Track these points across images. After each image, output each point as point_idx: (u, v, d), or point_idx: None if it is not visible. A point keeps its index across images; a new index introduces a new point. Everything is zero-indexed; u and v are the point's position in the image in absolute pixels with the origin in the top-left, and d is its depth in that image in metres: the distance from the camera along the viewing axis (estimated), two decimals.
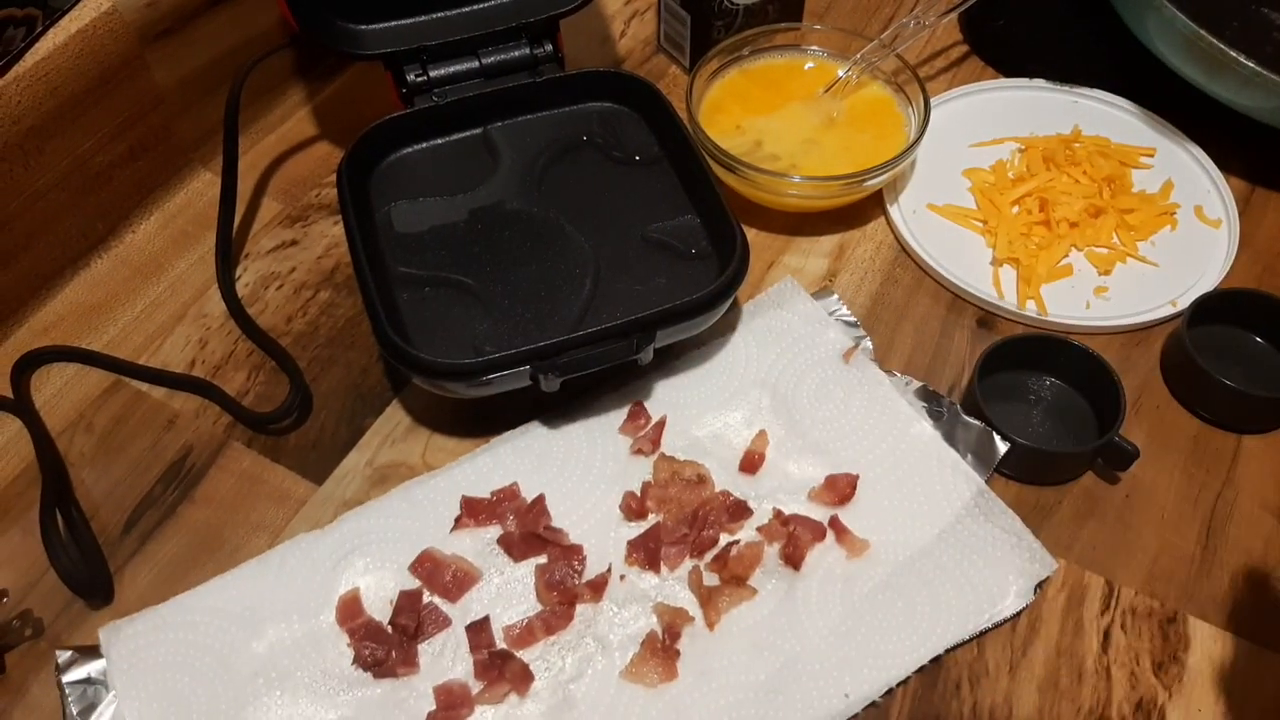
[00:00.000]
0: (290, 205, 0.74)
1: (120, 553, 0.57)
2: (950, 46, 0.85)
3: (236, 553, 0.57)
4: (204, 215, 0.72)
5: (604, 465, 0.59)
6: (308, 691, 0.51)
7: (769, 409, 0.61)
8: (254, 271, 0.70)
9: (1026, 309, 0.66)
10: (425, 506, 0.57)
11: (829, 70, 0.75)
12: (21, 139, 0.61)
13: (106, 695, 0.50)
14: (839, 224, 0.72)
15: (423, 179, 0.66)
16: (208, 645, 0.52)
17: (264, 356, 0.65)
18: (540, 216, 0.64)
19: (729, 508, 0.56)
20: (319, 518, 0.58)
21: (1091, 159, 0.73)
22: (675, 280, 0.61)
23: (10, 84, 0.59)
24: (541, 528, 0.55)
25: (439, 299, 0.61)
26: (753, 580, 0.54)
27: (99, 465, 0.60)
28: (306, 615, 0.53)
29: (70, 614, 0.55)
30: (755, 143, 0.72)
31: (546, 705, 0.51)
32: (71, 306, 0.68)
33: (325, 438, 0.61)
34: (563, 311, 0.60)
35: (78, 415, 0.62)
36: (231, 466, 0.60)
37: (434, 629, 0.53)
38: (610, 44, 0.85)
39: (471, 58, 0.67)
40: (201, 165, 0.75)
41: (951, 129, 0.76)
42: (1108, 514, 0.58)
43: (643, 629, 0.53)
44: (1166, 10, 0.67)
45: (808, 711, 0.50)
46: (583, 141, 0.68)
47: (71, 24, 0.62)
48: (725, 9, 0.77)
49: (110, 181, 0.68)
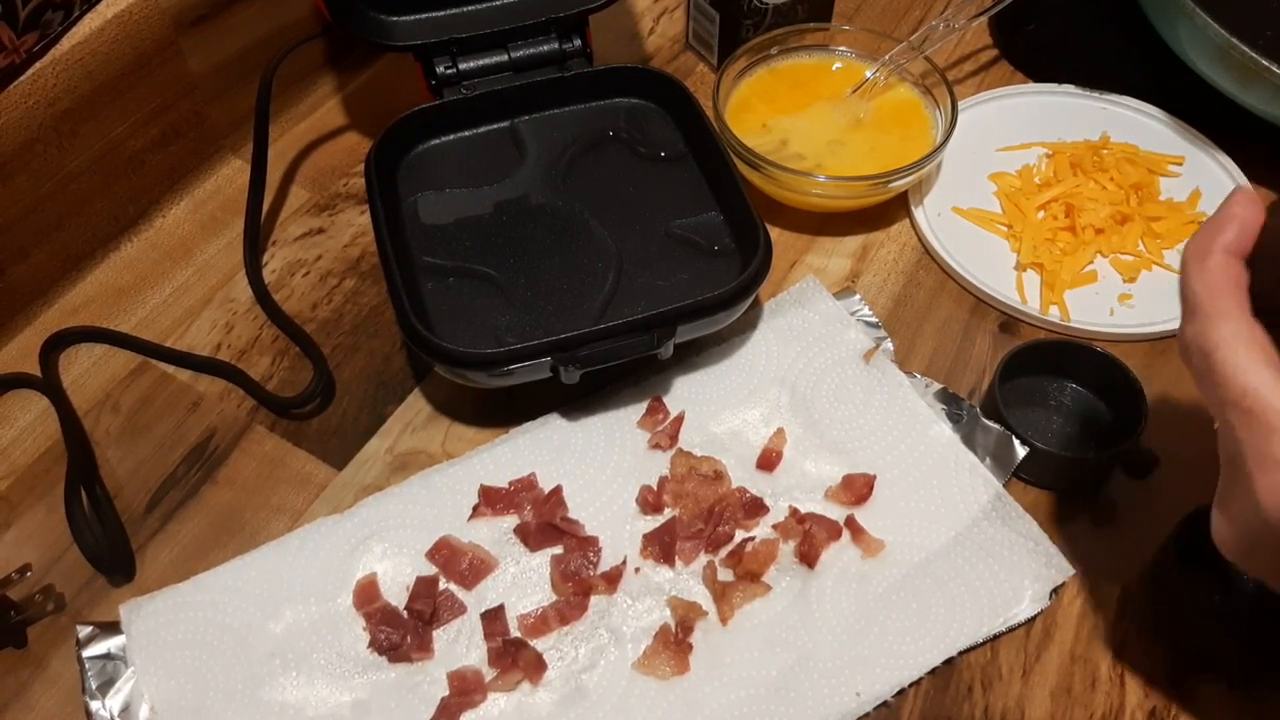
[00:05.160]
0: (318, 193, 0.74)
1: (142, 531, 0.57)
2: (979, 50, 0.85)
3: (257, 534, 0.57)
4: (233, 201, 0.73)
5: (621, 458, 0.59)
6: (323, 673, 0.51)
7: (788, 407, 0.61)
8: (281, 258, 0.70)
9: (1049, 314, 0.66)
10: (444, 494, 0.57)
11: (857, 71, 0.75)
12: (56, 121, 0.62)
13: (125, 671, 0.51)
14: (863, 225, 0.72)
15: (449, 170, 0.67)
16: (226, 624, 0.52)
17: (288, 342, 0.66)
18: (565, 210, 0.65)
19: (745, 504, 0.56)
20: (339, 502, 0.58)
21: (1119, 166, 0.73)
22: (697, 276, 0.62)
23: (47, 67, 0.60)
24: (558, 518, 0.56)
25: (463, 289, 0.61)
26: (767, 577, 0.54)
27: (124, 445, 0.61)
28: (324, 598, 0.53)
29: (92, 590, 0.55)
30: (781, 142, 0.72)
31: (559, 694, 0.51)
32: (101, 288, 0.68)
33: (347, 424, 0.62)
34: (585, 304, 0.60)
35: (104, 395, 0.63)
36: (254, 449, 0.61)
37: (449, 615, 0.53)
38: (639, 41, 0.85)
39: (501, 51, 0.67)
40: (232, 152, 0.75)
41: (979, 133, 0.76)
42: (1126, 521, 0.58)
43: (656, 622, 0.53)
44: (1199, 18, 0.67)
45: (819, 709, 0.50)
46: (609, 137, 0.68)
47: (109, 9, 0.63)
48: (754, 8, 0.77)
49: (142, 166, 0.69)
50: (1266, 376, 0.36)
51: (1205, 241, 0.39)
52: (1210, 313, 0.38)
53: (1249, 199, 0.39)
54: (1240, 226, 0.39)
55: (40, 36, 0.60)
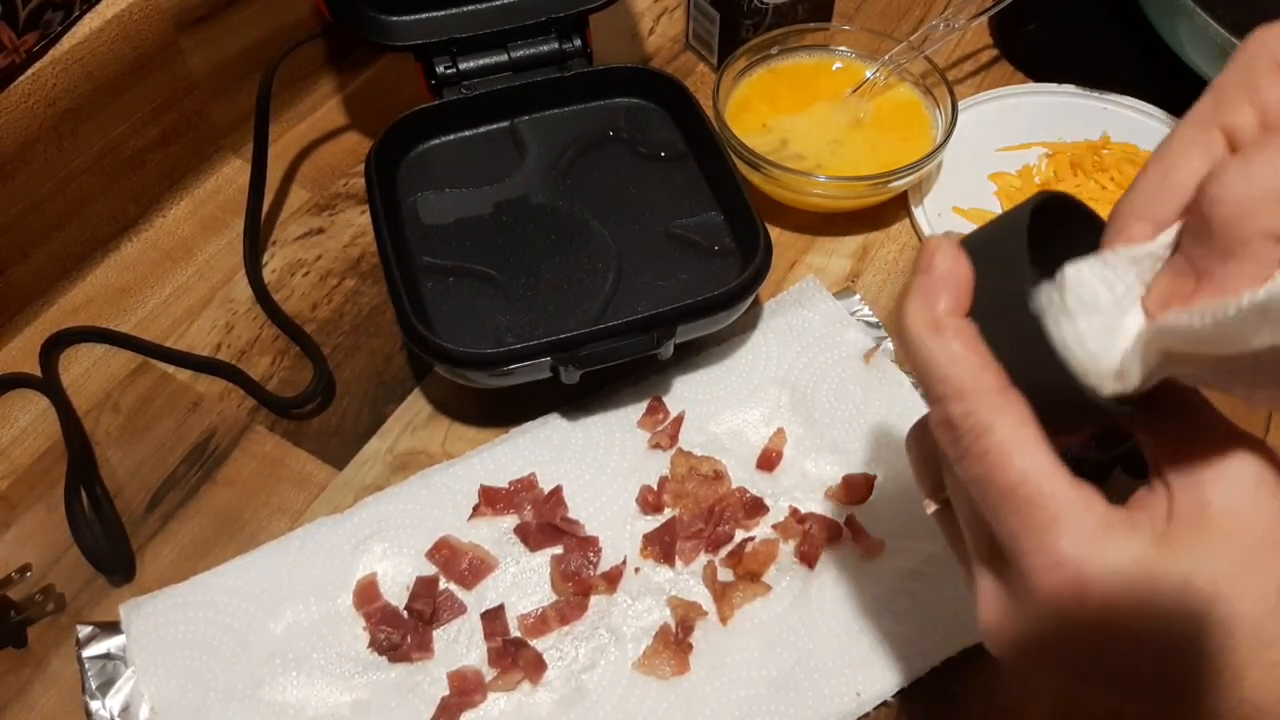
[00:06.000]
0: (318, 193, 0.74)
1: (142, 531, 0.57)
2: (980, 50, 0.85)
3: (257, 534, 0.57)
4: (233, 201, 0.73)
5: (621, 458, 0.59)
6: (323, 673, 0.51)
7: (788, 407, 0.61)
8: (281, 258, 0.70)
9: None
10: (444, 494, 0.57)
11: (857, 71, 0.75)
12: (56, 121, 0.62)
13: (125, 671, 0.51)
14: (863, 225, 0.72)
15: (449, 170, 0.67)
16: (226, 624, 0.52)
17: (288, 342, 0.66)
18: (565, 210, 0.65)
19: (745, 504, 0.56)
20: (339, 502, 0.58)
21: (1120, 166, 0.73)
22: (697, 276, 0.62)
23: (47, 66, 0.60)
24: (558, 518, 0.56)
25: (463, 289, 0.61)
26: (767, 577, 0.54)
27: (124, 445, 0.61)
28: (324, 598, 0.53)
29: (92, 590, 0.55)
30: (781, 141, 0.72)
31: (559, 694, 0.51)
32: (101, 288, 0.68)
33: (347, 423, 0.62)
34: (585, 304, 0.60)
35: (104, 395, 0.63)
36: (254, 449, 0.61)
37: (449, 615, 0.53)
38: (639, 40, 0.85)
39: (501, 51, 0.67)
40: (232, 152, 0.75)
41: (979, 133, 0.76)
42: None
43: (656, 622, 0.53)
44: (1199, 18, 0.67)
45: (819, 709, 0.50)
46: (609, 137, 0.68)
47: (109, 9, 0.63)
48: (754, 8, 0.77)
49: (142, 165, 0.69)
50: (1044, 460, 0.32)
51: (928, 310, 0.34)
52: (975, 391, 0.32)
53: (951, 251, 0.34)
54: (956, 284, 0.34)
55: (40, 36, 0.60)
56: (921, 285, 0.34)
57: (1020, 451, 0.32)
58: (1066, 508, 0.32)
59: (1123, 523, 0.32)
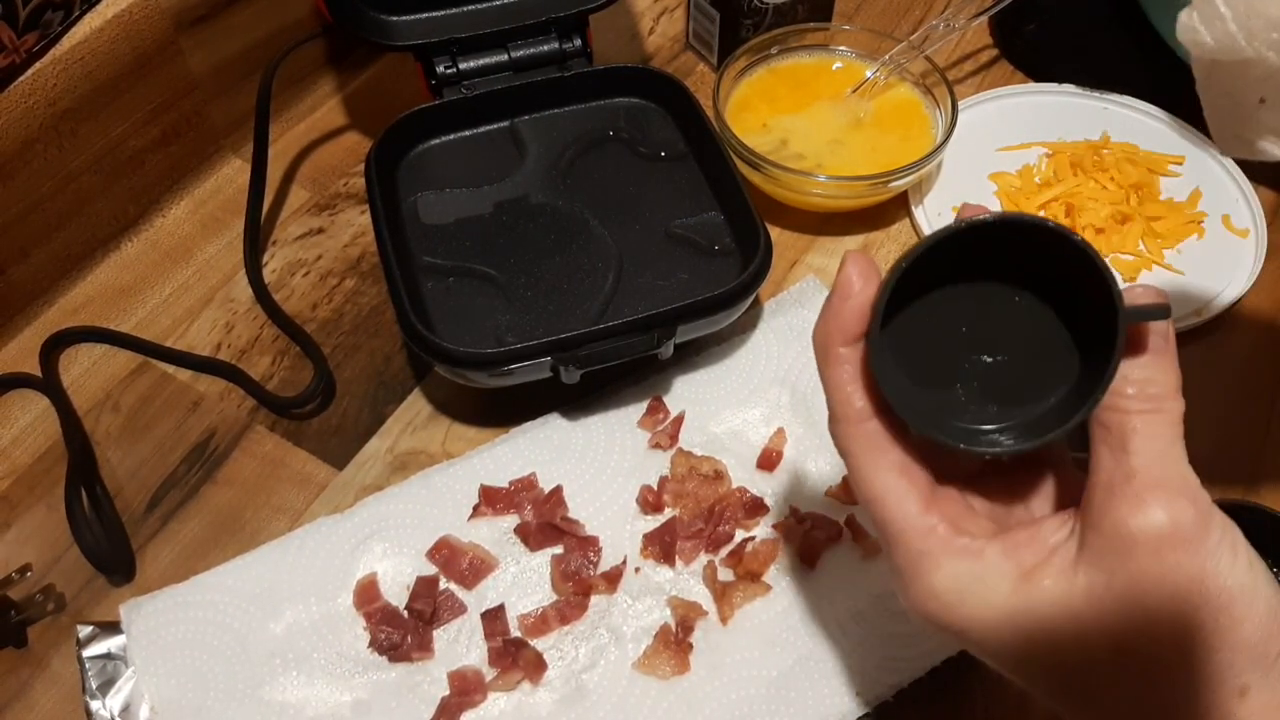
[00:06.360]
0: (318, 193, 0.74)
1: (143, 531, 0.57)
2: (980, 50, 0.85)
3: (257, 534, 0.57)
4: (233, 201, 0.73)
5: (622, 458, 0.59)
6: (324, 673, 0.51)
7: (788, 407, 0.61)
8: (281, 258, 0.70)
9: None
10: (444, 494, 0.57)
11: (857, 71, 0.75)
12: (56, 121, 0.62)
13: (125, 670, 0.51)
14: (863, 224, 0.72)
15: (450, 170, 0.67)
16: (226, 624, 0.52)
17: (289, 342, 0.66)
18: (565, 210, 0.65)
19: (745, 504, 0.56)
20: (339, 502, 0.58)
21: (1119, 165, 0.73)
22: (698, 276, 0.62)
23: (47, 66, 0.60)
24: (558, 518, 0.56)
25: (463, 289, 0.61)
26: (767, 577, 0.54)
27: (124, 444, 0.61)
28: (324, 598, 0.53)
29: (92, 590, 0.55)
30: (781, 141, 0.72)
31: (559, 694, 0.51)
32: (101, 288, 0.68)
33: (347, 423, 0.62)
34: (585, 304, 0.60)
35: (105, 395, 0.63)
36: (254, 449, 0.61)
37: (449, 615, 0.53)
38: (639, 40, 0.85)
39: (501, 51, 0.67)
40: (232, 152, 0.75)
41: (979, 132, 0.76)
42: None
43: (656, 621, 0.53)
44: None
45: (818, 709, 0.50)
46: (609, 136, 0.68)
47: (109, 9, 0.63)
48: (754, 8, 0.77)
49: (142, 165, 0.69)
50: (892, 485, 0.36)
51: (823, 333, 0.37)
52: (844, 417, 0.36)
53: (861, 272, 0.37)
54: (854, 310, 0.36)
55: (40, 36, 0.60)
56: (825, 308, 0.37)
57: (872, 478, 0.36)
58: (905, 531, 0.36)
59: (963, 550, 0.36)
